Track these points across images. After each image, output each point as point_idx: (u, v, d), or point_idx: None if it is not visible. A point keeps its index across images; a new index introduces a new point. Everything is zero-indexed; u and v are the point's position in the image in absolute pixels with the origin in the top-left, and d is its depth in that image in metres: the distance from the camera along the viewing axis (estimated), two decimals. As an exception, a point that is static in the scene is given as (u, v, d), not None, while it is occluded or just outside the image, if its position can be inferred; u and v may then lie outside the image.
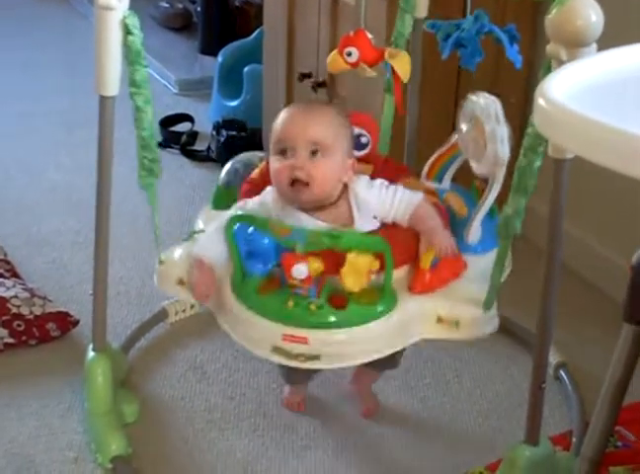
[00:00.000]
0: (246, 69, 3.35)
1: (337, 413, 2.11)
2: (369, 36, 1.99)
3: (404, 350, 1.88)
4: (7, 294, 2.29)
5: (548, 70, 1.49)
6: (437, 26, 1.98)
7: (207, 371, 2.23)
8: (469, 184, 1.92)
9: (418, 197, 1.77)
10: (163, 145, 3.26)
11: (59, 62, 4.02)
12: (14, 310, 2.26)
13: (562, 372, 2.18)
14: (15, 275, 2.46)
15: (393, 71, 1.98)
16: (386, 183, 1.79)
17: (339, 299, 1.64)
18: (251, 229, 1.68)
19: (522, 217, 1.64)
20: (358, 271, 1.62)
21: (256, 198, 1.81)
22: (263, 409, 2.12)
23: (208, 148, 3.25)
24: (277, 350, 1.67)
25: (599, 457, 1.77)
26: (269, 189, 1.80)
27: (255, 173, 1.94)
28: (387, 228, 1.76)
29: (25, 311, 2.27)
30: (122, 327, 2.33)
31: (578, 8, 1.46)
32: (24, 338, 2.25)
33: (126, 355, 2.22)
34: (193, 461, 1.98)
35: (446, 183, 1.96)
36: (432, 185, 1.94)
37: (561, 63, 1.45)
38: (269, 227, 1.66)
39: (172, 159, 3.20)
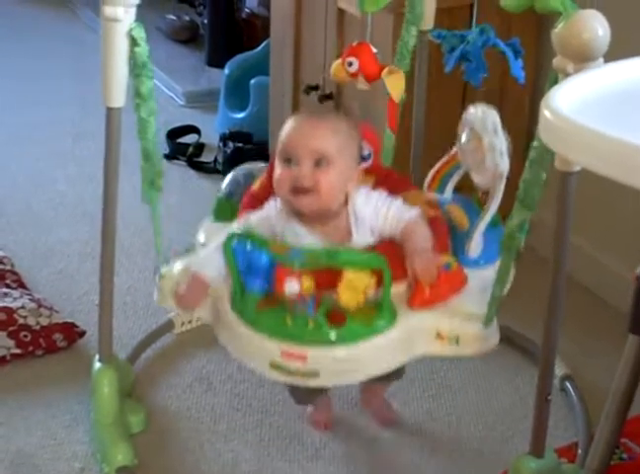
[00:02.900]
0: (252, 81, 3.36)
1: (343, 424, 2.11)
2: (374, 49, 2.00)
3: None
4: (14, 305, 2.30)
5: (554, 83, 1.49)
6: (442, 36, 1.98)
7: (213, 382, 2.23)
8: (472, 193, 1.91)
9: (411, 213, 1.76)
10: (170, 157, 3.27)
11: (67, 73, 4.03)
12: (21, 321, 2.26)
13: (567, 384, 2.18)
14: (22, 285, 2.47)
15: None
16: (384, 195, 1.79)
17: (337, 316, 1.63)
18: (250, 246, 1.67)
19: (527, 231, 1.63)
20: (354, 288, 1.61)
21: (258, 213, 1.80)
22: (269, 420, 2.12)
23: (215, 160, 3.26)
24: (275, 366, 1.66)
25: (604, 469, 1.76)
26: (271, 202, 1.80)
27: (255, 185, 1.93)
28: (386, 242, 1.75)
29: (31, 322, 2.27)
30: (129, 338, 2.33)
31: (584, 22, 1.47)
32: (30, 348, 2.25)
33: (133, 366, 2.22)
34: (199, 472, 1.98)
35: (448, 193, 1.96)
36: (433, 196, 1.94)
37: (568, 77, 1.45)
38: (267, 245, 1.66)
39: (178, 171, 3.21)
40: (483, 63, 1.92)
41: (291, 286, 1.61)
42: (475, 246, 1.81)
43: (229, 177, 2.04)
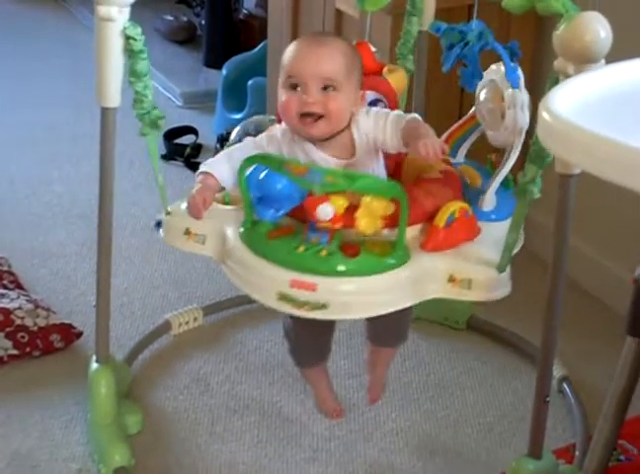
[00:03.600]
0: (250, 82, 3.36)
1: (341, 426, 2.11)
2: (373, 48, 2.00)
3: (409, 323, 1.88)
4: (11, 306, 2.30)
5: (555, 85, 1.49)
6: (441, 29, 1.98)
7: (211, 383, 2.23)
8: (483, 160, 1.91)
9: (409, 115, 1.74)
10: (167, 158, 3.27)
11: (62, 73, 4.03)
12: (18, 321, 2.26)
13: (565, 386, 2.18)
14: (19, 286, 2.47)
15: None
16: (384, 110, 1.78)
17: (351, 248, 1.62)
18: (263, 174, 1.65)
19: (539, 184, 1.61)
20: (372, 213, 1.59)
21: (264, 133, 1.78)
22: (266, 421, 2.12)
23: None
24: (283, 297, 1.63)
25: (602, 471, 1.76)
26: (276, 126, 1.78)
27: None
28: (401, 186, 1.71)
29: (28, 322, 2.27)
30: (126, 338, 2.33)
31: (586, 24, 1.47)
32: (27, 349, 2.25)
33: (130, 367, 2.22)
34: (196, 473, 1.98)
35: (461, 156, 1.95)
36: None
37: (568, 79, 1.45)
38: (284, 167, 1.62)
39: (176, 171, 3.20)
40: (479, 70, 1.92)
41: (326, 212, 1.59)
42: (489, 200, 1.80)
43: (239, 127, 2.00)
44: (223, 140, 3.20)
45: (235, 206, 1.77)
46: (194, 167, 3.26)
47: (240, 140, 1.91)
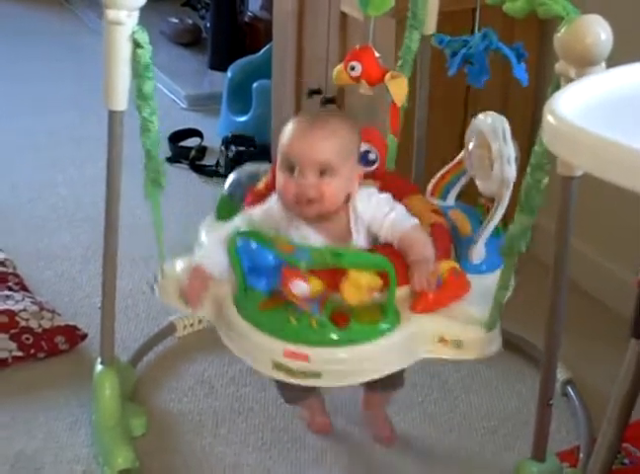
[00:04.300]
0: (255, 85, 3.36)
1: (345, 428, 2.11)
2: (377, 54, 2.00)
3: (405, 369, 1.87)
4: (16, 308, 2.30)
5: (557, 88, 1.49)
6: (444, 41, 1.98)
7: (215, 386, 2.23)
8: (474, 202, 1.92)
9: (410, 222, 1.75)
10: (172, 160, 3.27)
11: (67, 76, 4.03)
12: (23, 323, 2.27)
13: (569, 389, 2.18)
14: (24, 288, 2.47)
15: None
16: (385, 199, 1.78)
17: (341, 317, 1.64)
18: (255, 245, 1.67)
19: (528, 237, 1.63)
20: (358, 286, 1.61)
21: (260, 208, 1.80)
22: (270, 423, 2.12)
23: (217, 163, 3.26)
24: (278, 366, 1.66)
25: (606, 474, 1.76)
26: (274, 196, 1.79)
27: (260, 185, 1.93)
28: (390, 247, 1.75)
29: (33, 324, 2.27)
30: (131, 341, 2.33)
31: (587, 27, 1.47)
32: (32, 351, 2.25)
33: (135, 369, 2.22)
34: (200, 475, 1.99)
35: (451, 200, 1.96)
36: (436, 202, 1.94)
37: (570, 81, 1.46)
38: (273, 244, 1.65)
39: (181, 174, 3.21)
40: (486, 66, 1.92)
41: (299, 287, 1.61)
42: (478, 252, 1.81)
43: (232, 177, 2.04)
44: (228, 143, 3.22)
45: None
46: (198, 169, 3.27)
47: (234, 189, 1.96)
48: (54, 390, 2.19)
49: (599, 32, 1.46)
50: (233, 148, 3.20)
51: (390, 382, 1.87)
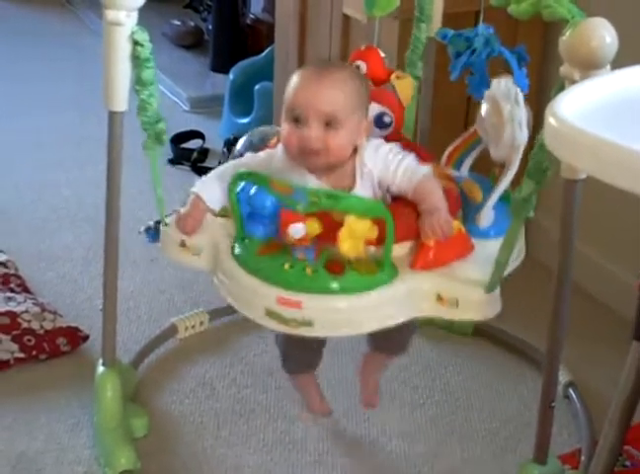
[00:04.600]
0: (257, 87, 3.36)
1: (346, 430, 2.11)
2: (382, 54, 2.00)
3: (412, 335, 1.87)
4: (18, 309, 2.30)
5: (560, 90, 1.49)
6: (448, 36, 1.98)
7: (217, 387, 2.23)
8: (488, 173, 1.91)
9: (425, 168, 1.72)
10: (174, 162, 3.28)
11: (67, 76, 4.03)
12: (24, 325, 2.27)
13: (571, 391, 2.18)
14: (26, 289, 2.47)
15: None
16: (396, 149, 1.74)
17: (336, 266, 1.61)
18: (253, 190, 1.66)
19: (534, 204, 1.59)
20: (355, 235, 1.58)
21: (258, 156, 1.79)
22: (272, 425, 2.12)
23: (219, 165, 3.25)
24: (270, 313, 1.64)
25: (607, 476, 1.76)
26: (279, 147, 1.76)
27: (271, 143, 1.90)
28: (391, 202, 1.72)
29: (35, 326, 2.27)
30: (132, 342, 2.33)
31: (592, 30, 1.46)
32: (34, 352, 2.26)
33: (136, 371, 2.22)
34: (201, 477, 1.99)
35: (465, 170, 1.95)
36: (450, 172, 1.92)
37: (574, 84, 1.45)
38: (271, 185, 1.63)
39: (183, 176, 3.20)
40: (486, 78, 1.92)
41: (296, 230, 1.60)
42: (486, 217, 1.78)
43: (244, 138, 2.01)
44: (230, 145, 3.21)
45: (231, 219, 1.77)
46: (200, 171, 3.27)
47: (245, 150, 1.93)
48: (56, 391, 2.19)
49: (604, 35, 1.46)
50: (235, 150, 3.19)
51: (395, 344, 1.87)
